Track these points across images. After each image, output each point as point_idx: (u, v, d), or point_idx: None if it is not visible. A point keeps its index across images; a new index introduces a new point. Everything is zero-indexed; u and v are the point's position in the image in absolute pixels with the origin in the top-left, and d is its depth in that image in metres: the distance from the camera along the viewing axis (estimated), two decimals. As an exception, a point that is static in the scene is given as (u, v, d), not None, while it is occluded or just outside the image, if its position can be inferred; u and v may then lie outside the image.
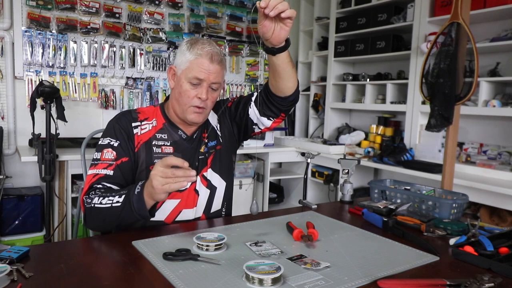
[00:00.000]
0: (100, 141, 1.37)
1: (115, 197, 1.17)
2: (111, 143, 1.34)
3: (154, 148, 1.38)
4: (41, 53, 3.01)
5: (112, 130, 1.37)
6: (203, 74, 1.32)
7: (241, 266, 0.90)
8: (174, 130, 1.42)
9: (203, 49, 1.33)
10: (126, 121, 1.39)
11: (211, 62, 1.32)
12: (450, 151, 1.93)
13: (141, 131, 1.39)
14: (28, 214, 2.74)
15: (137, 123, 1.40)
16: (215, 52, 1.34)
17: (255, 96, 1.45)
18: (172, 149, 1.39)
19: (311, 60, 3.94)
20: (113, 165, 1.30)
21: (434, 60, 1.92)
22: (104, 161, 1.31)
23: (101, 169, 1.29)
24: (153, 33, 3.41)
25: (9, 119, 2.96)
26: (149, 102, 3.44)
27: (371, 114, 3.56)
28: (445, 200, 1.43)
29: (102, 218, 1.20)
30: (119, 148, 1.34)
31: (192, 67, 1.32)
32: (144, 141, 1.38)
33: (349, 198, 1.65)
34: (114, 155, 1.32)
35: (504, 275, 0.93)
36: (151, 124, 1.41)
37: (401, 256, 1.07)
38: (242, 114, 1.49)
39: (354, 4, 3.41)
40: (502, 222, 2.30)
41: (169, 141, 1.40)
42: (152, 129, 1.40)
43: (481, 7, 2.49)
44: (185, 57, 1.34)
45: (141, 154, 1.37)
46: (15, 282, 0.85)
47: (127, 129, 1.37)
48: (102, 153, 1.33)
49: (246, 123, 1.49)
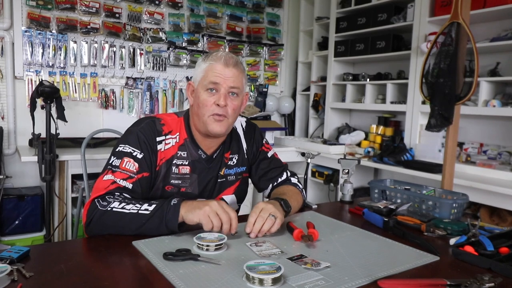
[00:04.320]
0: (120, 147, 1.28)
1: (144, 205, 1.14)
2: (133, 154, 1.26)
3: (173, 167, 1.33)
4: (41, 53, 3.01)
5: (136, 139, 1.29)
6: (218, 78, 1.27)
7: (241, 266, 0.90)
8: (195, 148, 1.36)
9: (216, 55, 1.30)
10: (151, 133, 1.31)
11: (226, 66, 1.28)
12: (450, 151, 1.93)
13: (165, 146, 1.32)
14: (28, 214, 2.74)
15: (161, 138, 1.33)
16: (229, 56, 1.30)
17: (265, 191, 1.54)
18: (189, 169, 1.35)
19: (311, 60, 3.94)
20: (134, 179, 1.24)
21: (434, 60, 1.92)
22: (125, 171, 1.24)
23: (120, 179, 1.23)
24: (153, 33, 3.41)
25: (9, 119, 2.96)
26: (149, 102, 3.44)
27: (371, 114, 3.56)
28: (445, 200, 1.43)
29: (117, 223, 1.14)
30: (142, 161, 1.27)
31: (207, 74, 1.29)
32: (167, 159, 1.32)
33: (349, 198, 1.65)
34: (136, 167, 1.25)
35: (504, 275, 0.93)
36: (175, 139, 1.35)
37: (401, 256, 1.07)
38: (252, 169, 1.53)
39: (354, 4, 3.41)
40: (502, 222, 2.30)
41: (187, 160, 1.35)
42: (175, 145, 1.34)
43: (481, 7, 2.49)
44: (200, 67, 1.32)
45: (161, 172, 1.32)
46: (15, 282, 0.85)
47: (152, 144, 1.30)
48: (122, 161, 1.25)
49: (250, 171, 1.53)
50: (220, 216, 1.11)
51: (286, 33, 4.16)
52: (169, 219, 1.12)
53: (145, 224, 1.13)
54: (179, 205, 1.14)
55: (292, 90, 4.29)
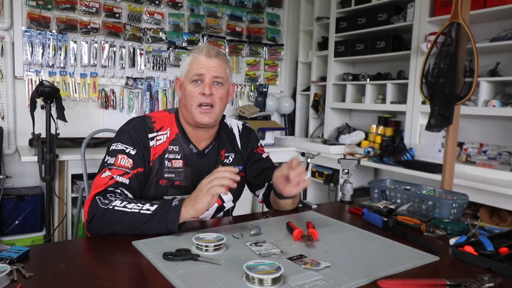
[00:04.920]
0: (113, 146, 1.31)
1: (145, 205, 1.16)
2: (126, 151, 1.29)
3: (166, 161, 1.36)
4: (41, 53, 3.01)
5: (128, 137, 1.32)
6: (202, 69, 1.32)
7: (241, 266, 0.90)
8: (186, 143, 1.39)
9: (199, 48, 1.36)
10: (142, 131, 1.34)
11: (208, 56, 1.33)
12: (450, 151, 1.93)
13: (157, 142, 1.36)
14: (28, 214, 2.74)
15: (153, 134, 1.36)
16: (211, 47, 1.36)
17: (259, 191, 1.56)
18: (182, 163, 1.37)
19: (311, 60, 3.94)
20: (130, 174, 1.27)
21: (434, 60, 1.93)
22: (120, 167, 1.26)
23: (117, 175, 1.25)
24: (153, 33, 3.41)
25: (9, 119, 2.96)
26: (149, 102, 3.44)
27: (371, 114, 3.56)
28: (445, 200, 1.43)
29: (118, 221, 1.15)
30: (136, 157, 1.30)
31: (191, 67, 1.34)
32: (159, 154, 1.35)
33: (349, 198, 1.65)
34: (130, 163, 1.28)
35: (504, 275, 0.93)
36: (166, 134, 1.38)
37: (401, 256, 1.07)
38: (247, 169, 1.54)
39: (354, 4, 3.41)
40: (502, 222, 2.30)
41: (179, 154, 1.38)
42: (166, 140, 1.38)
43: (481, 7, 2.49)
44: (185, 62, 1.38)
45: (154, 167, 1.35)
46: (15, 282, 0.85)
47: (144, 140, 1.33)
48: (116, 158, 1.28)
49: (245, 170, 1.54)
50: (216, 181, 1.13)
51: (286, 33, 4.16)
52: (170, 220, 1.13)
53: (146, 223, 1.13)
54: (180, 206, 1.15)
55: (292, 90, 4.29)
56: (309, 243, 1.12)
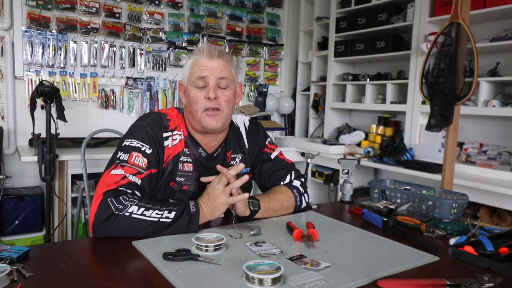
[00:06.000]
0: (127, 142, 1.23)
1: (164, 212, 1.12)
2: (142, 149, 1.22)
3: (179, 164, 1.31)
4: (41, 53, 3.01)
5: (144, 134, 1.24)
6: (205, 71, 1.25)
7: (241, 266, 0.90)
8: (195, 146, 1.34)
9: (199, 49, 1.30)
10: (158, 129, 1.28)
11: (210, 57, 1.26)
12: (450, 151, 1.93)
13: (172, 142, 1.29)
14: (28, 214, 2.74)
15: (168, 134, 1.29)
16: (213, 47, 1.28)
17: None
18: (192, 167, 1.32)
19: (311, 60, 3.94)
20: (143, 174, 1.20)
21: (434, 60, 1.92)
22: (134, 165, 1.19)
23: (130, 174, 1.17)
24: (153, 33, 3.41)
25: (9, 119, 2.96)
26: (149, 102, 3.44)
27: (371, 114, 3.56)
28: (445, 200, 1.43)
29: (134, 228, 1.10)
30: (151, 157, 1.23)
31: (193, 70, 1.28)
32: (174, 155, 1.30)
33: (349, 198, 1.65)
34: (145, 163, 1.21)
35: (504, 275, 0.93)
36: (180, 136, 1.32)
37: (401, 256, 1.07)
38: (255, 171, 1.49)
39: (354, 4, 3.41)
40: (502, 222, 2.30)
41: (191, 157, 1.32)
42: (180, 141, 1.32)
43: (481, 7, 2.49)
44: (187, 65, 1.31)
45: (167, 169, 1.29)
46: (15, 282, 0.85)
47: (160, 139, 1.27)
48: (130, 155, 1.20)
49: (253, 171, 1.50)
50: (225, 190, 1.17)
51: (286, 33, 4.16)
52: (190, 228, 1.15)
53: (165, 230, 1.13)
54: (198, 213, 1.17)
55: (292, 90, 4.29)
56: (309, 243, 1.12)
